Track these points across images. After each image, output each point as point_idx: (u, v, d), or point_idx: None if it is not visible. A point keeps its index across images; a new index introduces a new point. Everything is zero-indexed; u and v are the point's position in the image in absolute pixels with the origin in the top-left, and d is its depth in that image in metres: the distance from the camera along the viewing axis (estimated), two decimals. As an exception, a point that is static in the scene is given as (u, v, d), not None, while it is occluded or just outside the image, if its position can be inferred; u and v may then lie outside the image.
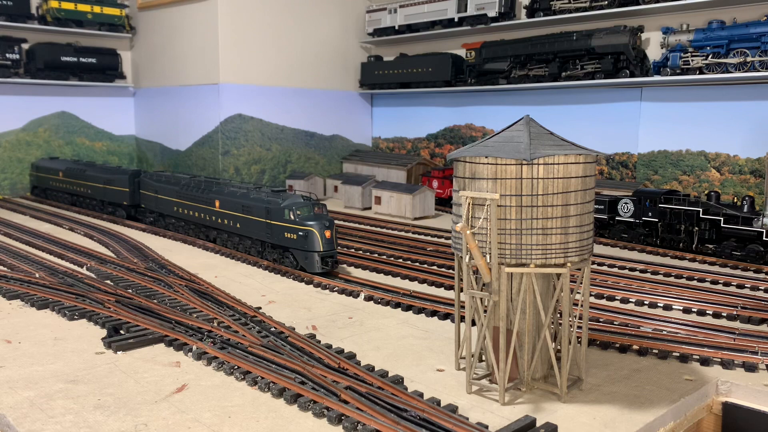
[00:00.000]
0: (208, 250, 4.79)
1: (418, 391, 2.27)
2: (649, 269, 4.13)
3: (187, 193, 5.13)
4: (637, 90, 5.96)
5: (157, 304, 3.21)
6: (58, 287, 3.52)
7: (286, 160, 7.71)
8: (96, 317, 3.04)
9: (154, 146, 8.07)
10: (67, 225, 5.64)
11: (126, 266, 4.09)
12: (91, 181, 6.41)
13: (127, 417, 2.09)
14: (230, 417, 2.10)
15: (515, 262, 2.18)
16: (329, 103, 8.03)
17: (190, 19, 7.21)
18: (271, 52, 7.36)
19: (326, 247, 3.93)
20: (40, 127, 7.57)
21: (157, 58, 7.76)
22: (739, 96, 5.33)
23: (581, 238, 2.22)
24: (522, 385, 2.33)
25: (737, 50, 5.05)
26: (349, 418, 2.04)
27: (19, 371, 2.47)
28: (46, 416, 2.10)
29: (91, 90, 7.86)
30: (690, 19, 5.49)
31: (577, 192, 2.17)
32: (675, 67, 5.36)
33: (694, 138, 5.62)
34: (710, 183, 5.52)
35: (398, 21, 7.68)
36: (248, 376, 2.37)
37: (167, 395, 2.26)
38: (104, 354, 2.66)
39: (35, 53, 7.22)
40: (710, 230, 4.51)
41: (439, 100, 7.74)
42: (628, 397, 2.30)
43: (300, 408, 2.15)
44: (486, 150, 2.18)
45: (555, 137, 2.25)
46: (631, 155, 6.07)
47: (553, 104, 6.60)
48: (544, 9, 6.31)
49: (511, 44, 6.59)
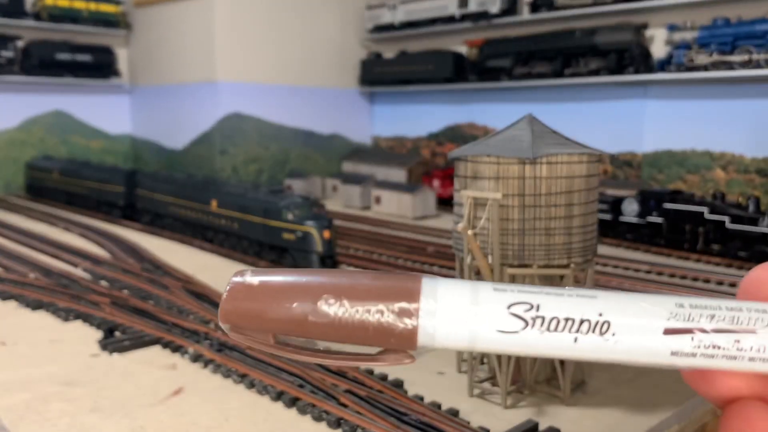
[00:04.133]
0: (205, 251, 4.75)
1: (418, 395, 2.23)
2: (654, 270, 4.09)
3: (183, 193, 5.09)
4: (641, 88, 5.91)
5: (154, 306, 3.17)
6: (53, 288, 3.48)
7: (285, 159, 7.66)
8: (91, 319, 3.00)
9: (150, 145, 8.02)
10: (62, 225, 5.59)
11: (122, 267, 4.05)
12: (86, 181, 6.37)
13: (124, 420, 2.06)
14: (228, 420, 2.07)
15: (518, 263, 2.14)
16: (328, 102, 7.98)
17: (187, 16, 7.17)
18: (269, 50, 7.31)
19: (325, 248, 3.89)
20: (35, 126, 7.52)
21: (154, 55, 7.72)
22: (745, 94, 5.29)
23: (585, 238, 2.18)
24: (524, 389, 2.29)
25: (742, 48, 5.01)
26: (349, 422, 2.00)
27: (14, 373, 2.44)
28: (42, 419, 2.06)
29: (87, 88, 7.81)
30: (695, 16, 5.45)
31: (580, 192, 2.13)
32: (680, 64, 5.31)
33: (699, 137, 5.58)
34: (715, 182, 5.47)
35: (399, 18, 7.63)
36: (246, 379, 2.33)
37: (164, 398, 2.22)
38: (100, 356, 2.62)
39: (30, 51, 7.17)
40: (716, 230, 4.47)
41: (441, 98, 7.69)
42: (632, 400, 2.27)
43: (298, 411, 2.12)
44: (488, 149, 2.15)
45: (558, 136, 2.21)
46: (635, 154, 6.02)
47: (556, 102, 6.56)
48: (547, 5, 6.27)
49: (514, 41, 6.55)
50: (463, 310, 0.37)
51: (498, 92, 7.06)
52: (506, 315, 0.37)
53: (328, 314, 0.37)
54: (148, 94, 7.94)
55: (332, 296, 0.38)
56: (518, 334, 0.37)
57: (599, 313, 0.37)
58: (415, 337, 0.37)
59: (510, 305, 0.37)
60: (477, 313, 0.37)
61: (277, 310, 0.38)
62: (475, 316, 0.37)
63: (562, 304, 0.37)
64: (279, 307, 0.38)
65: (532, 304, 0.37)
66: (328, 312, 0.37)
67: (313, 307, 0.37)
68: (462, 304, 0.37)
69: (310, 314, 0.37)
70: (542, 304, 0.37)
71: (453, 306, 0.37)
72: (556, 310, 0.37)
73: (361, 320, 0.37)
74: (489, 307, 0.37)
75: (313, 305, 0.37)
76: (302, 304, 0.38)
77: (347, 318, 0.37)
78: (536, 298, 0.37)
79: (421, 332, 0.37)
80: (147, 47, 7.82)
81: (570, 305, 0.37)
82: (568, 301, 0.37)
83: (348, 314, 0.37)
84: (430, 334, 0.37)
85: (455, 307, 0.37)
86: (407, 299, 0.37)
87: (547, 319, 0.37)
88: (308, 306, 0.37)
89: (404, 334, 0.37)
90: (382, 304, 0.37)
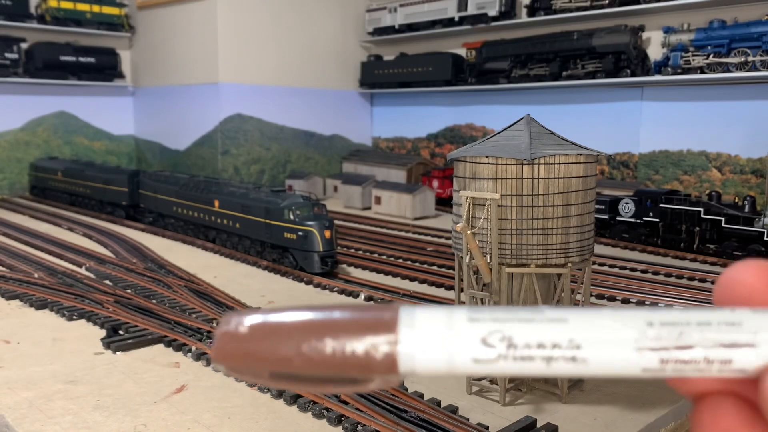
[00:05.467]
0: (208, 250, 4.78)
1: (418, 392, 2.26)
2: (650, 269, 4.12)
3: (186, 193, 5.12)
4: (638, 90, 5.95)
5: (156, 305, 3.20)
6: (57, 287, 3.51)
7: (286, 160, 7.69)
8: (95, 317, 3.03)
9: (153, 146, 8.05)
10: (66, 225, 5.63)
11: (125, 266, 4.08)
12: (89, 181, 6.40)
13: (127, 417, 2.08)
14: (230, 418, 2.09)
15: (516, 263, 2.17)
16: (329, 103, 8.02)
17: (190, 19, 7.20)
18: (271, 52, 7.34)
19: (326, 247, 3.92)
20: (39, 127, 7.55)
21: (156, 57, 7.75)
22: (741, 96, 5.32)
23: (582, 238, 2.21)
24: (522, 386, 2.32)
25: (738, 50, 5.04)
26: (349, 419, 2.03)
27: (18, 372, 2.46)
28: (45, 417, 2.09)
29: (90, 89, 7.84)
30: (691, 18, 5.48)
31: (578, 192, 2.16)
32: (676, 66, 5.34)
33: (695, 138, 5.61)
34: (711, 183, 5.51)
35: (398, 20, 7.66)
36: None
37: (166, 396, 2.25)
38: (103, 354, 2.64)
39: (34, 53, 7.20)
40: (711, 230, 4.50)
41: (440, 99, 7.72)
42: (629, 397, 2.29)
43: (300, 409, 2.14)
44: (486, 150, 2.17)
45: (556, 137, 2.24)
46: (632, 155, 6.05)
47: (554, 104, 6.59)
48: (545, 8, 6.30)
49: (512, 43, 6.58)
50: (439, 339, 0.40)
51: (496, 94, 7.09)
52: (480, 345, 0.40)
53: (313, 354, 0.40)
54: (151, 96, 7.97)
55: (314, 338, 0.40)
56: (493, 362, 0.40)
57: (570, 339, 0.40)
58: (395, 365, 0.40)
59: (483, 337, 0.40)
60: (453, 343, 0.40)
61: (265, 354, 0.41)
62: (451, 345, 0.40)
63: (534, 330, 0.40)
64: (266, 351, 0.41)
65: (504, 335, 0.40)
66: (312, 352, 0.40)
67: (297, 350, 0.40)
68: (438, 334, 0.40)
69: (295, 357, 0.40)
70: (514, 334, 0.40)
71: (430, 335, 0.40)
72: (528, 337, 0.40)
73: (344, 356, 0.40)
74: (464, 337, 0.40)
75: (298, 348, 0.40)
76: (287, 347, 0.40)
77: (331, 355, 0.40)
78: (508, 327, 0.40)
79: (402, 361, 0.40)
80: (150, 49, 7.85)
81: (541, 331, 0.40)
82: (540, 327, 0.40)
83: (331, 351, 0.40)
84: (410, 362, 0.40)
85: (432, 336, 0.40)
86: (386, 330, 0.40)
87: (519, 347, 0.40)
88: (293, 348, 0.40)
89: (385, 364, 0.40)
90: (363, 337, 0.40)
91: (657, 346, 0.39)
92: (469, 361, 0.40)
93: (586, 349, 0.40)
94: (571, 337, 0.40)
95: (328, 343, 0.40)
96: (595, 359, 0.40)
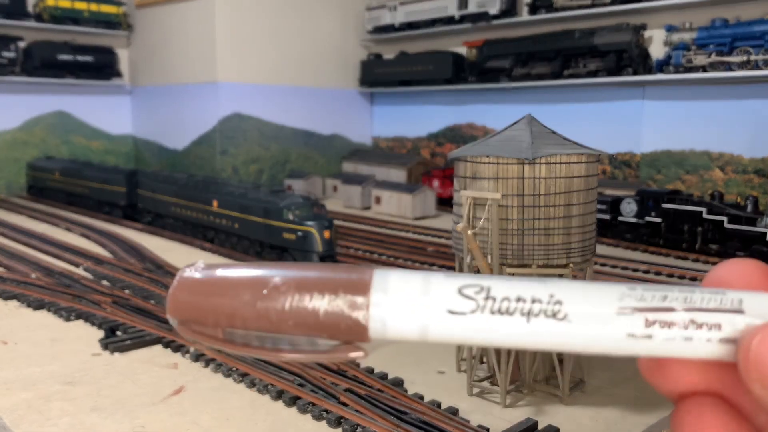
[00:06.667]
0: (206, 251, 4.76)
1: (418, 394, 2.24)
2: (653, 269, 4.10)
3: (184, 193, 5.10)
4: (640, 89, 5.93)
5: (155, 305, 3.18)
6: (55, 288, 3.49)
7: (285, 160, 7.67)
8: (93, 318, 3.01)
9: (152, 145, 8.03)
10: (64, 225, 5.61)
11: (123, 267, 4.06)
12: (87, 181, 6.38)
13: (125, 419, 2.07)
14: (228, 419, 2.08)
15: (517, 263, 2.16)
16: (328, 102, 8.00)
17: (188, 17, 7.18)
18: (270, 50, 7.32)
19: (325, 248, 3.90)
20: (37, 126, 7.53)
21: (155, 56, 7.73)
22: (743, 95, 5.30)
23: (584, 238, 2.19)
24: (523, 388, 2.30)
25: (741, 48, 5.02)
26: (349, 420, 2.01)
27: (15, 372, 2.44)
28: (43, 418, 2.07)
29: (88, 89, 7.82)
30: (693, 17, 5.46)
31: (579, 192, 2.15)
32: (678, 65, 5.32)
33: (698, 137, 5.59)
34: (714, 183, 5.49)
35: (398, 19, 7.64)
36: (246, 378, 2.34)
37: (165, 397, 2.23)
38: (101, 355, 2.63)
39: (32, 51, 7.18)
40: (714, 230, 4.48)
41: (440, 98, 7.70)
42: (630, 399, 2.28)
43: (299, 410, 2.13)
44: (487, 149, 2.15)
45: (557, 136, 2.22)
46: (633, 155, 6.03)
47: (555, 103, 6.57)
48: (547, 6, 6.28)
49: (513, 42, 6.56)
50: (414, 298, 0.37)
51: (497, 93, 7.07)
52: (457, 296, 0.37)
53: (277, 303, 0.37)
54: (149, 95, 7.95)
55: (283, 285, 0.37)
56: (468, 315, 0.37)
57: (550, 294, 0.38)
58: (365, 329, 0.37)
59: (461, 288, 0.37)
60: (428, 299, 0.37)
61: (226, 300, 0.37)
62: (426, 302, 0.37)
63: (513, 285, 0.38)
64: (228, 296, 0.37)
65: (482, 286, 0.37)
66: (277, 300, 0.37)
67: (262, 295, 0.37)
68: (413, 294, 0.37)
69: (259, 301, 0.37)
70: (493, 286, 0.38)
71: (404, 296, 0.37)
72: (507, 291, 0.37)
73: (311, 310, 0.37)
74: (440, 289, 0.37)
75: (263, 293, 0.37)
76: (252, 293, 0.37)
77: (296, 307, 0.37)
78: (487, 281, 0.38)
79: (372, 324, 0.37)
80: (148, 48, 7.83)
81: (521, 286, 0.38)
82: (519, 283, 0.38)
83: (297, 304, 0.37)
84: (381, 325, 0.37)
85: (406, 296, 0.37)
86: (358, 291, 0.37)
87: (498, 299, 0.37)
88: (258, 294, 0.37)
89: (355, 326, 0.37)
90: (333, 295, 0.37)
91: (641, 306, 0.38)
92: (443, 314, 0.37)
93: (567, 305, 0.38)
94: (552, 292, 0.38)
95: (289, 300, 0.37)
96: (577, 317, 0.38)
